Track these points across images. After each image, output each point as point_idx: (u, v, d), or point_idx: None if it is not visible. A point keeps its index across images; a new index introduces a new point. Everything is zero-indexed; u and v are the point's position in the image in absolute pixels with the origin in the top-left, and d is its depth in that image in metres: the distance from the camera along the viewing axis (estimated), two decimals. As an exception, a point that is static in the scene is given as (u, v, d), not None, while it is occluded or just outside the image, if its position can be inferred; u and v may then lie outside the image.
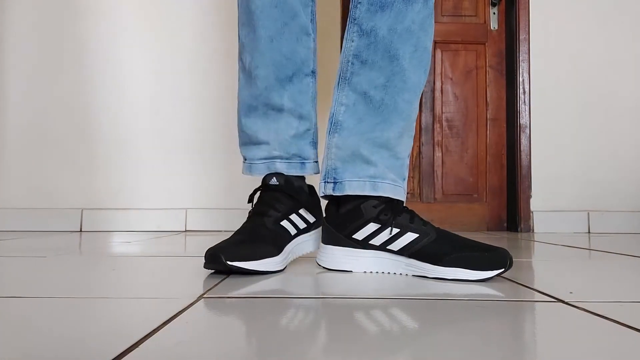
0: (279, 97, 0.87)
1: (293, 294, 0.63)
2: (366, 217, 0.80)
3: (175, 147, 2.06)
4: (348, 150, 0.83)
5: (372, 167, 0.82)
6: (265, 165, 0.90)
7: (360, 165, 0.82)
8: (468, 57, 2.31)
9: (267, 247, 0.78)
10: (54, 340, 0.41)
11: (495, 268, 0.73)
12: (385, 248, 0.79)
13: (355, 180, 0.82)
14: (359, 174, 0.82)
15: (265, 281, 0.72)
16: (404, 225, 0.79)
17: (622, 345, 0.41)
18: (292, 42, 0.86)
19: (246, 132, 0.91)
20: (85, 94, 2.06)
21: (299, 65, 0.88)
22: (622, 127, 2.17)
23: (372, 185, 0.81)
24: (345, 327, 0.46)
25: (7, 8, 2.07)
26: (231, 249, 0.74)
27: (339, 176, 0.83)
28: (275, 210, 0.85)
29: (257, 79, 0.87)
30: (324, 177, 0.85)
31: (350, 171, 0.83)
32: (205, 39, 2.08)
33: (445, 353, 0.38)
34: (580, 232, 2.10)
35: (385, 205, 0.81)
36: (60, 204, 2.02)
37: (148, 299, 0.59)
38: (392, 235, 0.79)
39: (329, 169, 0.85)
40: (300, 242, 0.89)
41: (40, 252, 1.11)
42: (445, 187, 2.27)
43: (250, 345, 0.40)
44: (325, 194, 0.85)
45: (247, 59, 0.88)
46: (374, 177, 0.82)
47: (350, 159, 0.83)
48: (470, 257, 0.74)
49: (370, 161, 0.82)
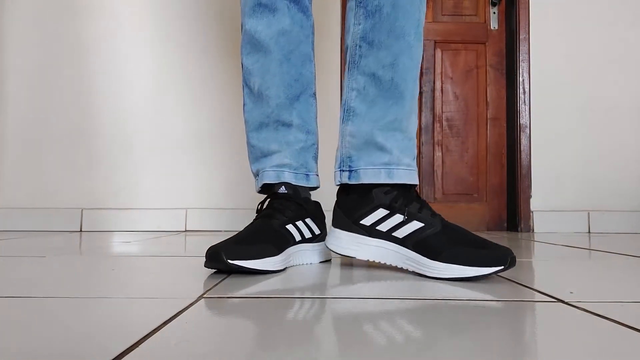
0: (288, 114, 0.94)
1: (294, 294, 0.63)
2: (376, 203, 0.81)
3: (176, 147, 2.06)
4: (362, 138, 0.84)
5: (387, 155, 0.83)
6: (275, 173, 0.94)
7: (374, 152, 0.83)
8: (468, 57, 2.31)
9: (268, 246, 0.79)
10: (53, 341, 0.41)
11: (493, 265, 0.71)
12: (391, 235, 0.80)
13: (371, 169, 0.83)
14: (374, 161, 0.83)
15: (266, 281, 0.72)
16: (412, 214, 0.79)
17: (622, 345, 0.41)
18: (298, 67, 0.94)
19: (257, 145, 0.96)
20: (85, 93, 2.06)
21: (305, 87, 0.95)
22: (622, 126, 2.16)
23: (387, 173, 0.82)
24: (346, 328, 0.46)
25: (7, 8, 2.07)
26: (232, 247, 0.75)
27: (354, 164, 0.84)
28: (283, 214, 0.87)
29: (269, 99, 0.93)
30: (339, 165, 0.87)
31: (365, 159, 0.84)
32: (206, 39, 2.07)
33: (445, 353, 0.38)
34: (580, 232, 2.10)
35: (397, 192, 0.82)
36: (60, 204, 2.02)
37: (148, 299, 0.59)
38: (399, 222, 0.79)
39: (343, 157, 0.86)
40: (303, 249, 0.90)
41: (40, 252, 1.11)
42: (445, 187, 2.27)
43: (251, 345, 0.40)
44: (341, 182, 0.86)
45: (257, 82, 0.94)
46: (388, 165, 0.83)
47: (365, 146, 0.84)
48: (467, 252, 0.73)
49: (385, 148, 0.83)
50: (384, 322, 0.48)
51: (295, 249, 0.88)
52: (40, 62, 2.06)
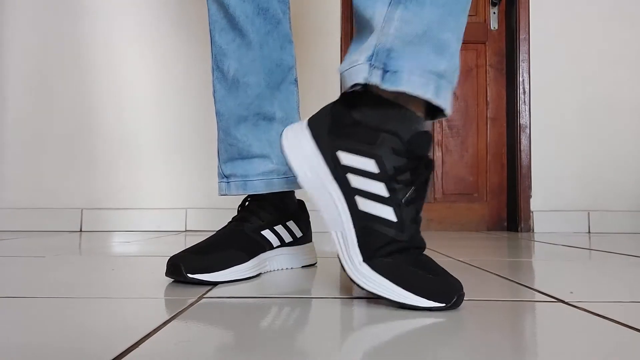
0: (270, 105, 0.82)
1: (294, 294, 0.63)
2: (379, 146, 0.57)
3: (176, 147, 2.06)
4: (420, 26, 0.56)
5: (444, 61, 0.57)
6: (263, 182, 0.82)
7: (429, 54, 0.57)
8: (468, 56, 2.31)
9: (236, 253, 0.73)
10: (53, 340, 0.41)
11: (434, 299, 0.52)
12: (353, 198, 0.57)
13: (418, 76, 0.56)
14: (426, 66, 0.56)
15: (266, 281, 0.72)
16: (406, 201, 0.56)
17: (622, 345, 0.41)
18: (277, 50, 0.82)
19: (236, 145, 0.83)
20: (86, 93, 2.06)
21: (285, 73, 0.84)
22: (622, 126, 2.16)
23: (436, 89, 0.56)
24: (347, 328, 0.46)
25: (7, 8, 2.07)
26: (193, 258, 0.69)
27: (393, 63, 0.56)
28: (259, 218, 0.79)
29: (248, 87, 0.81)
30: (369, 58, 0.57)
31: (414, 59, 0.56)
32: (207, 39, 2.07)
33: (445, 353, 0.38)
34: (580, 232, 2.10)
35: (418, 141, 0.57)
36: (60, 204, 2.02)
37: (148, 299, 0.59)
38: (376, 193, 0.56)
39: (379, 48, 0.57)
40: (282, 254, 0.83)
41: (40, 252, 1.11)
42: (445, 187, 2.27)
43: (251, 345, 0.40)
44: (368, 82, 0.57)
45: (232, 66, 0.81)
46: (442, 76, 0.57)
47: (420, 41, 0.57)
48: (411, 272, 0.54)
49: (446, 51, 0.57)
50: (382, 320, 0.48)
51: (272, 253, 0.81)
52: (40, 62, 2.06)
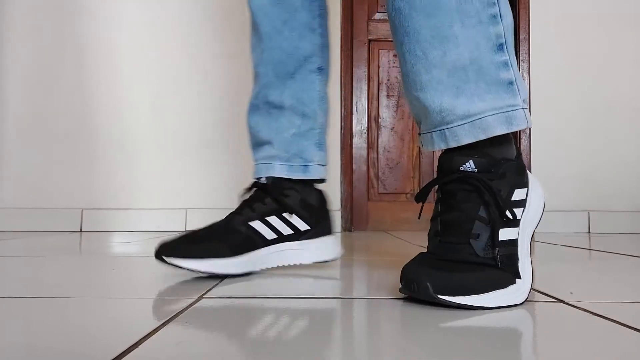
0: (278, 94, 0.83)
1: (294, 294, 0.63)
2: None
3: (176, 147, 2.05)
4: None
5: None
6: (264, 166, 0.83)
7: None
8: (468, 57, 2.31)
9: (218, 245, 0.73)
10: (53, 341, 0.41)
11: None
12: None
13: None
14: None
15: (267, 281, 0.72)
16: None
17: (622, 345, 0.41)
18: (293, 39, 0.82)
19: (251, 132, 0.87)
20: (85, 93, 2.06)
21: (301, 62, 0.83)
22: (622, 126, 2.16)
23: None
24: (347, 328, 0.46)
25: (6, 8, 2.07)
26: (176, 245, 0.72)
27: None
28: (251, 209, 0.78)
29: (258, 77, 0.85)
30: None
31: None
32: (207, 39, 2.07)
33: (446, 353, 0.38)
34: (580, 232, 2.10)
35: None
36: (60, 204, 2.02)
37: (148, 299, 0.59)
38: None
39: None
40: (286, 249, 0.80)
41: (40, 252, 1.11)
42: (445, 187, 2.27)
43: (251, 345, 0.40)
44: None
45: (253, 58, 0.87)
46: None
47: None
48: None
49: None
50: (383, 321, 0.48)
51: (270, 250, 0.78)
52: (40, 62, 2.06)
